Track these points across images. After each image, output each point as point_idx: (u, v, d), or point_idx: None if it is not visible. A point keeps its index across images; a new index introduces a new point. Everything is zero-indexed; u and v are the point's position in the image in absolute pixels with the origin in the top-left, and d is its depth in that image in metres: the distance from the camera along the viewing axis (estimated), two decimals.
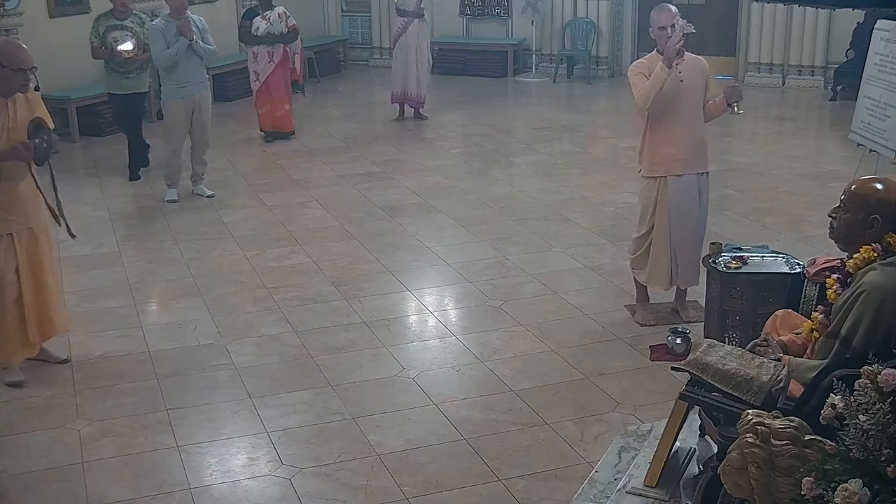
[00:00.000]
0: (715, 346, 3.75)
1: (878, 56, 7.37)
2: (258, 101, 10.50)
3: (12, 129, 4.93)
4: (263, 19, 10.21)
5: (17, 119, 4.95)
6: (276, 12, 10.27)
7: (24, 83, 4.93)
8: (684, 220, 5.61)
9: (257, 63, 10.32)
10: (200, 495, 4.18)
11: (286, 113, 10.53)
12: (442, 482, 4.22)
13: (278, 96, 10.42)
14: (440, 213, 7.99)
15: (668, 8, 5.48)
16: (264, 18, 10.21)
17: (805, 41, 12.79)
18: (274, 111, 10.45)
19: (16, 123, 4.94)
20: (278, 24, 10.23)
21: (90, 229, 7.69)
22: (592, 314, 5.94)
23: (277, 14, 10.26)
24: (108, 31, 8.73)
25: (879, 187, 3.44)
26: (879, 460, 2.68)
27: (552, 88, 13.60)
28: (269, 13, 10.25)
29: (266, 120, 10.52)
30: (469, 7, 14.81)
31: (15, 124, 4.93)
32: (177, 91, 8.19)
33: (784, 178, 8.91)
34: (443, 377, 5.18)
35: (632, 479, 4.06)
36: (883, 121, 7.22)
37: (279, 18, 10.24)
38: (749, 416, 3.08)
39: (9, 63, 4.84)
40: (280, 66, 10.37)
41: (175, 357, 5.47)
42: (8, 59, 4.85)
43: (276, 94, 10.39)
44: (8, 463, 4.43)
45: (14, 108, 4.95)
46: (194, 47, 8.08)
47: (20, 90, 4.95)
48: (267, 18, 10.22)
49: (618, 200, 8.18)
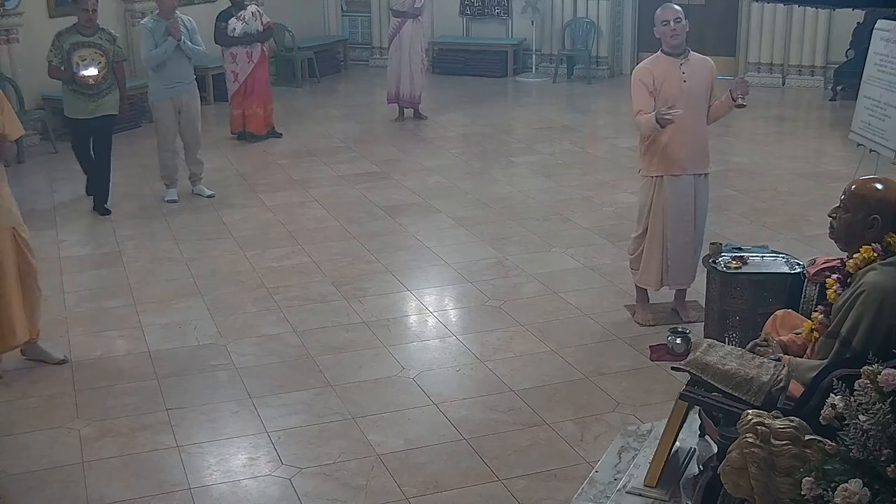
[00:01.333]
0: (715, 346, 3.75)
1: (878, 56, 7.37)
2: (234, 103, 10.45)
3: None
4: (238, 19, 10.16)
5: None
6: (250, 11, 10.24)
7: None
8: (680, 221, 5.61)
9: (236, 64, 10.26)
10: (200, 495, 4.18)
11: (260, 114, 10.48)
12: (442, 482, 4.22)
13: (259, 96, 10.38)
14: (440, 213, 7.99)
15: (673, 5, 5.51)
16: (239, 18, 10.16)
17: (805, 41, 12.78)
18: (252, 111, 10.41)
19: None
20: (253, 22, 10.19)
21: (90, 229, 7.70)
22: (592, 314, 5.94)
23: (251, 13, 10.22)
24: (73, 48, 7.64)
25: (879, 187, 3.44)
26: (879, 460, 2.68)
27: (552, 88, 13.60)
28: (242, 13, 10.20)
29: (237, 121, 10.47)
30: (469, 7, 14.81)
31: None
32: (165, 91, 8.22)
33: (784, 178, 8.90)
34: (443, 377, 5.18)
35: (632, 479, 4.06)
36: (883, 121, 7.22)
37: (253, 17, 10.20)
38: (749, 416, 3.08)
39: None
40: (259, 66, 10.35)
41: (175, 357, 5.47)
42: None
43: (256, 95, 10.35)
44: (8, 463, 4.43)
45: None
46: (182, 48, 8.09)
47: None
48: (241, 18, 10.16)
49: (618, 200, 8.18)
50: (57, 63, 7.71)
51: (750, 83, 5.71)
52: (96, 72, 7.63)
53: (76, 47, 7.64)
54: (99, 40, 7.73)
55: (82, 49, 7.64)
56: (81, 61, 7.61)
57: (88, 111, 7.84)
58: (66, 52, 7.64)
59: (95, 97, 7.81)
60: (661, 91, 5.42)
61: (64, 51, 7.65)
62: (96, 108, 7.85)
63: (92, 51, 7.66)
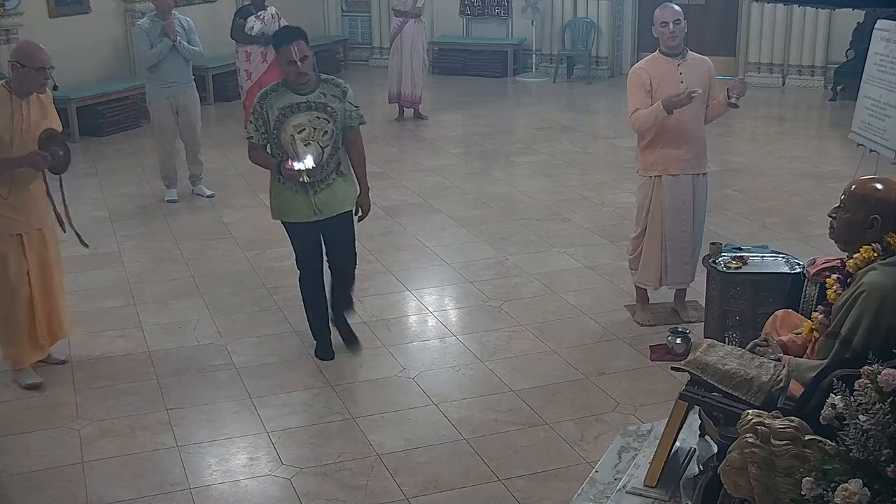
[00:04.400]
0: (715, 346, 3.75)
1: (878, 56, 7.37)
2: (248, 102, 10.45)
3: (25, 130, 4.94)
4: (258, 19, 10.18)
5: (31, 121, 4.96)
6: (270, 13, 10.26)
7: (43, 82, 4.95)
8: (678, 221, 5.61)
9: (250, 63, 10.28)
10: (200, 495, 4.18)
11: None
12: (442, 482, 4.22)
13: None
14: (440, 213, 7.99)
15: (672, 6, 5.51)
16: (258, 18, 10.19)
17: (805, 41, 12.79)
18: None
19: (29, 125, 4.95)
20: (272, 24, 10.21)
21: (90, 229, 7.68)
22: (592, 314, 5.94)
23: (271, 14, 10.24)
24: (285, 115, 5.00)
25: (879, 187, 3.44)
26: (879, 460, 2.68)
27: (552, 88, 13.60)
28: (262, 13, 10.23)
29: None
30: (469, 7, 14.81)
31: (28, 126, 4.94)
32: (161, 91, 8.21)
33: (784, 178, 8.90)
34: (443, 377, 5.18)
35: (632, 479, 4.06)
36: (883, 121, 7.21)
37: (272, 19, 10.22)
38: (749, 416, 3.08)
39: (29, 63, 4.86)
40: (273, 67, 10.35)
41: (175, 357, 5.47)
42: (28, 59, 4.86)
43: None
44: (8, 463, 4.43)
45: (28, 109, 4.96)
46: (178, 48, 8.08)
47: (38, 90, 4.97)
48: (261, 18, 10.19)
49: (618, 200, 8.18)
50: (259, 140, 5.08)
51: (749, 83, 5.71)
52: (311, 163, 4.95)
53: (289, 113, 5.00)
54: (322, 98, 5.09)
55: (299, 114, 5.02)
56: (300, 141, 5.00)
57: (311, 210, 5.15)
58: (274, 122, 5.01)
59: (319, 189, 5.13)
60: (658, 91, 5.42)
61: (270, 120, 5.02)
62: (326, 206, 5.17)
63: (313, 116, 5.04)
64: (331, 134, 5.11)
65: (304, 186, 5.07)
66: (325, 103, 5.10)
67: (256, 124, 5.09)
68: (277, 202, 5.25)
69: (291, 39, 5.00)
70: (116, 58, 11.59)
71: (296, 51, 4.96)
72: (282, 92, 5.08)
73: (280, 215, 5.29)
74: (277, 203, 5.25)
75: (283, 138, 5.04)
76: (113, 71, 11.49)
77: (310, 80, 5.09)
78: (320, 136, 5.07)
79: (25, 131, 4.93)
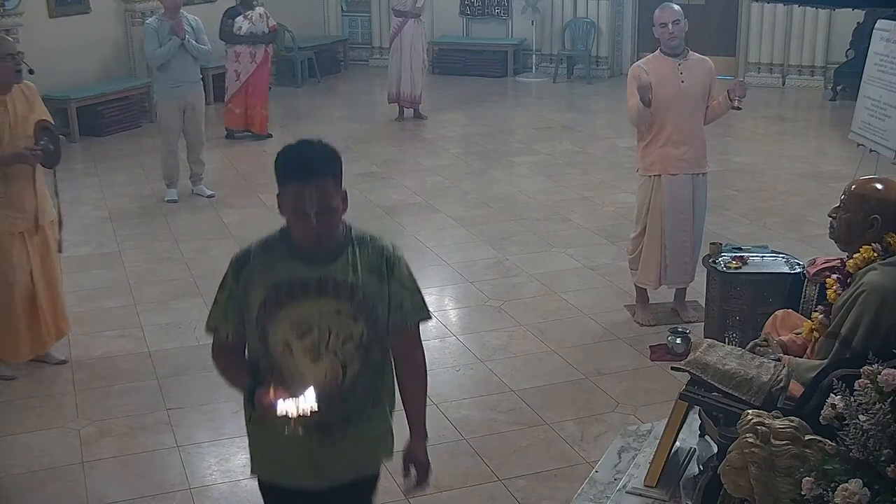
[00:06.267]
0: (715, 346, 3.75)
1: (878, 56, 7.36)
2: (234, 101, 10.45)
3: (14, 125, 4.91)
4: (246, 19, 10.21)
5: (17, 115, 4.93)
6: (258, 12, 10.29)
7: (15, 70, 4.87)
8: (677, 220, 5.61)
9: (239, 63, 10.30)
10: (200, 495, 4.18)
11: (263, 115, 10.50)
12: (442, 482, 4.21)
13: (257, 97, 10.41)
14: (440, 213, 7.99)
15: (671, 7, 5.51)
16: (246, 18, 10.21)
17: (805, 41, 12.78)
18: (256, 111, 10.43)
19: (16, 120, 4.92)
20: (260, 24, 10.25)
21: (90, 229, 7.70)
22: (592, 314, 5.94)
23: (259, 14, 10.27)
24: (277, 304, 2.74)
25: (879, 187, 3.45)
26: (879, 460, 2.68)
27: (552, 88, 13.60)
28: (250, 13, 10.25)
29: (238, 119, 10.49)
30: (469, 7, 14.81)
31: (15, 121, 4.92)
32: (170, 90, 8.22)
33: (784, 178, 8.91)
34: (443, 377, 5.18)
35: (632, 479, 4.06)
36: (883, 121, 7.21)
37: (260, 18, 10.26)
38: (749, 416, 3.08)
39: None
40: (261, 67, 10.38)
41: (175, 357, 5.47)
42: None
43: (254, 95, 10.38)
44: (8, 463, 4.43)
45: (13, 104, 4.93)
46: (187, 47, 8.09)
47: (13, 79, 4.89)
48: (249, 18, 10.22)
49: (618, 200, 8.18)
50: (231, 333, 2.89)
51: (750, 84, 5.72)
52: (313, 404, 2.58)
53: (285, 296, 2.75)
54: (349, 272, 2.77)
55: (304, 301, 2.74)
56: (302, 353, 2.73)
57: (311, 471, 2.87)
58: (257, 311, 2.79)
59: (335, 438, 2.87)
60: (657, 91, 5.42)
61: (250, 305, 2.82)
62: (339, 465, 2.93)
63: (330, 306, 2.74)
64: (359, 341, 2.77)
65: (307, 430, 2.69)
66: (353, 283, 2.75)
67: (225, 306, 2.90)
68: (257, 447, 2.95)
69: (307, 178, 2.81)
70: (116, 58, 11.58)
71: (311, 199, 2.75)
72: (277, 254, 2.80)
73: (261, 469, 2.96)
74: (257, 448, 2.95)
75: (271, 342, 2.75)
76: (113, 71, 11.48)
77: (331, 238, 2.80)
78: (340, 344, 2.75)
79: (14, 127, 4.91)
